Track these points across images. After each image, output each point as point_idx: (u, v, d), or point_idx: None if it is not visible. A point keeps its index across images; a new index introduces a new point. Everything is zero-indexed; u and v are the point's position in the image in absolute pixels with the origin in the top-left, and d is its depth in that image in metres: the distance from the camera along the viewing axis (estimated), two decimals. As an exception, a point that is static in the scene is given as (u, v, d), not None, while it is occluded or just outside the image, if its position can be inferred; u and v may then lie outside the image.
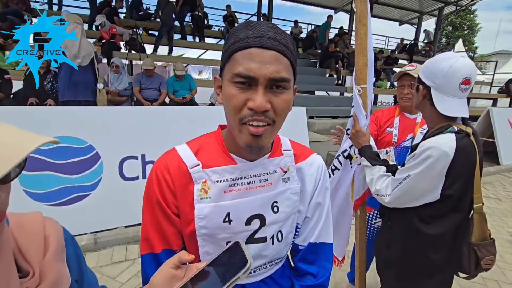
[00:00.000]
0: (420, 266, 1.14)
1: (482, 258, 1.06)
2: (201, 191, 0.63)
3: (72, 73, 3.56)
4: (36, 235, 0.48)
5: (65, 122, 2.57)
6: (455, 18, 24.30)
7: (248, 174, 0.66)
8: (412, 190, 1.06)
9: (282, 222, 0.70)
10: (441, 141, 1.00)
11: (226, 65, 0.57)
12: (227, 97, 0.56)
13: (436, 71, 1.04)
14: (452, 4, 12.42)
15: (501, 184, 4.71)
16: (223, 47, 0.61)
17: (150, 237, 0.65)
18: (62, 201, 2.52)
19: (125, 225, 2.69)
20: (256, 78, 0.53)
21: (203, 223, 0.63)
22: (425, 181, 1.03)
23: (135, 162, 2.80)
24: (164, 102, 4.73)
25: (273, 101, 0.55)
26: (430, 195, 1.04)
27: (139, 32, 6.63)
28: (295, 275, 0.78)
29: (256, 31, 0.55)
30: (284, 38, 0.56)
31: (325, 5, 12.94)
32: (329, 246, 0.76)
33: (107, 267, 2.29)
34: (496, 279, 2.33)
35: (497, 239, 3.19)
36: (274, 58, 0.54)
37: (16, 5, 5.85)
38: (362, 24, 1.26)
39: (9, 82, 4.29)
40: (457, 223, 1.08)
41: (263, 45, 0.53)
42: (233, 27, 0.60)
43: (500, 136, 5.55)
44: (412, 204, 1.09)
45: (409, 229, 1.12)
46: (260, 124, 0.55)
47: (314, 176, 0.73)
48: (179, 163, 0.64)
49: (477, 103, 12.02)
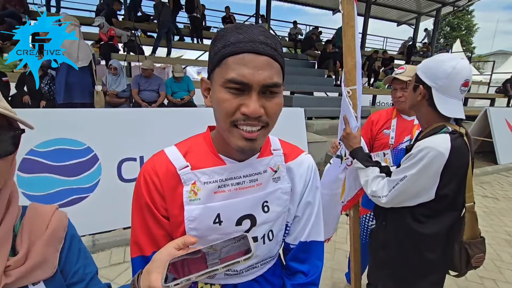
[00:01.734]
0: (414, 266, 1.14)
1: (472, 256, 1.07)
2: (191, 193, 0.63)
3: (70, 75, 3.57)
4: (41, 222, 0.54)
5: (63, 124, 2.57)
6: (452, 19, 24.40)
7: (238, 175, 0.65)
8: (408, 190, 1.07)
9: (273, 222, 0.70)
10: (437, 141, 1.01)
11: (217, 69, 0.57)
12: (219, 102, 0.56)
13: (438, 72, 1.04)
14: (449, 5, 12.49)
15: (498, 184, 4.73)
16: (210, 49, 0.60)
17: (140, 241, 0.66)
18: (61, 203, 2.51)
19: (124, 227, 2.69)
20: (249, 84, 0.53)
21: (193, 225, 0.63)
22: (421, 181, 1.04)
23: (134, 164, 2.80)
24: (162, 104, 4.74)
25: (266, 105, 0.56)
26: (426, 194, 1.06)
27: (137, 33, 6.63)
28: (287, 273, 0.79)
29: (247, 35, 0.54)
30: (274, 42, 0.57)
31: (323, 6, 12.98)
32: (320, 244, 0.77)
33: (105, 269, 2.28)
34: (493, 278, 2.34)
35: (494, 238, 3.20)
36: (266, 63, 0.54)
37: (14, 7, 5.86)
38: (349, 26, 1.27)
39: (6, 84, 4.29)
40: (450, 222, 1.09)
41: (255, 50, 0.53)
42: (220, 30, 0.59)
43: (498, 136, 5.58)
44: (408, 204, 1.10)
45: (404, 228, 1.14)
46: (254, 129, 0.56)
47: (304, 176, 0.73)
48: (168, 165, 0.64)
49: (475, 103, 12.06)
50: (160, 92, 4.66)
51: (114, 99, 4.42)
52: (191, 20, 8.53)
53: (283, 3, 12.36)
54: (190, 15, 8.41)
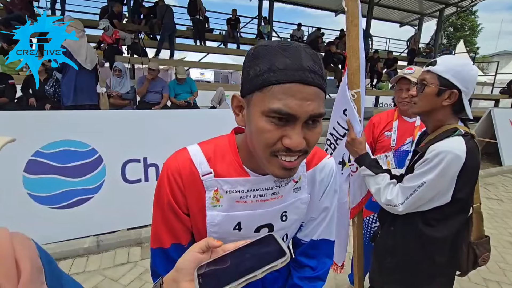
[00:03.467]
0: (425, 270, 1.13)
1: (480, 256, 1.09)
2: (213, 199, 0.64)
3: (78, 77, 3.63)
4: (4, 258, 0.36)
5: (67, 126, 2.60)
6: (456, 19, 24.29)
7: (260, 187, 0.65)
8: (426, 195, 1.05)
9: (288, 228, 0.72)
10: (452, 144, 1.00)
11: (257, 93, 0.52)
12: (259, 131, 0.53)
13: (468, 76, 1.03)
14: (452, 6, 12.44)
15: (503, 185, 4.69)
16: (248, 65, 0.55)
17: (160, 234, 0.67)
18: (66, 204, 2.54)
19: (128, 228, 2.71)
20: (296, 116, 0.50)
21: (215, 229, 0.65)
22: (439, 186, 1.02)
23: (137, 165, 2.83)
24: (165, 105, 4.77)
25: (308, 136, 0.54)
26: (442, 198, 1.04)
27: (141, 36, 6.69)
28: (294, 265, 0.80)
29: (294, 59, 0.50)
30: (320, 67, 0.53)
31: (325, 7, 12.99)
32: (331, 243, 0.78)
33: (109, 269, 2.30)
34: (497, 280, 2.32)
35: (498, 240, 3.18)
36: (314, 94, 0.51)
37: (19, 10, 5.93)
38: (353, 24, 1.18)
39: (13, 87, 4.34)
40: (459, 225, 1.09)
41: (304, 80, 0.50)
42: (261, 46, 0.54)
43: (502, 137, 5.53)
44: (423, 208, 1.08)
45: (414, 233, 1.11)
46: (293, 158, 0.54)
47: (325, 181, 0.73)
48: (191, 168, 0.64)
49: (479, 104, 11.97)
50: (163, 94, 4.70)
51: (118, 101, 4.46)
52: (193, 23, 8.59)
53: (285, 4, 12.40)
54: (193, 18, 8.47)
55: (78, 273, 2.22)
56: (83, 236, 2.55)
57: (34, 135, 2.48)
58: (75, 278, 0.47)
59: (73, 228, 2.56)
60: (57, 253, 2.37)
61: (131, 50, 6.79)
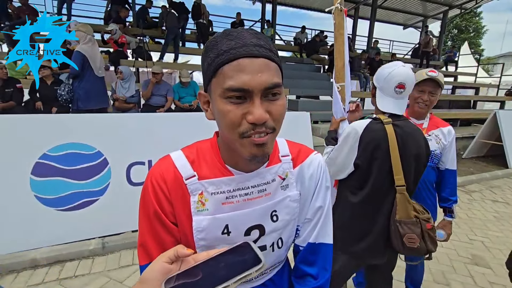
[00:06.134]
0: (352, 230, 1.33)
1: (404, 234, 1.21)
2: (198, 203, 0.62)
3: (93, 82, 3.73)
4: None
5: (73, 129, 2.64)
6: (460, 21, 24.18)
7: (246, 185, 0.64)
8: (336, 160, 1.33)
9: (282, 229, 0.69)
10: (356, 123, 1.29)
11: (213, 80, 0.54)
12: (222, 114, 0.53)
13: (380, 75, 1.32)
14: (456, 7, 12.39)
15: (509, 188, 4.64)
16: (202, 61, 0.57)
17: (148, 247, 0.63)
18: (72, 206, 2.58)
19: (132, 230, 2.74)
20: (250, 90, 0.51)
21: (202, 236, 0.62)
22: (341, 150, 1.30)
23: (142, 168, 2.86)
24: (170, 108, 4.81)
25: (271, 109, 0.53)
26: (349, 166, 1.29)
27: (145, 40, 6.76)
28: (295, 276, 0.77)
29: (239, 40, 0.52)
30: (267, 42, 0.55)
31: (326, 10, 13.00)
32: (329, 246, 0.75)
33: (114, 271, 2.32)
34: (503, 284, 2.30)
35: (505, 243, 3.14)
36: (264, 65, 0.52)
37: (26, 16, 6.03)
38: (339, 33, 1.62)
39: (20, 90, 4.42)
40: (377, 197, 1.27)
41: (250, 54, 0.51)
42: (209, 40, 0.56)
43: (508, 139, 5.48)
44: (341, 177, 1.35)
45: (345, 200, 1.36)
46: (262, 135, 0.54)
47: (314, 176, 0.72)
48: (175, 173, 0.63)
49: (484, 106, 11.87)
50: (167, 97, 4.75)
51: (123, 104, 4.51)
52: (197, 26, 8.68)
53: (288, 7, 12.44)
54: (197, 22, 8.57)
55: (83, 275, 2.24)
56: (88, 238, 2.58)
57: (42, 138, 2.52)
58: (80, 280, 0.46)
59: (79, 230, 2.59)
60: (63, 255, 2.40)
61: (136, 54, 6.87)
